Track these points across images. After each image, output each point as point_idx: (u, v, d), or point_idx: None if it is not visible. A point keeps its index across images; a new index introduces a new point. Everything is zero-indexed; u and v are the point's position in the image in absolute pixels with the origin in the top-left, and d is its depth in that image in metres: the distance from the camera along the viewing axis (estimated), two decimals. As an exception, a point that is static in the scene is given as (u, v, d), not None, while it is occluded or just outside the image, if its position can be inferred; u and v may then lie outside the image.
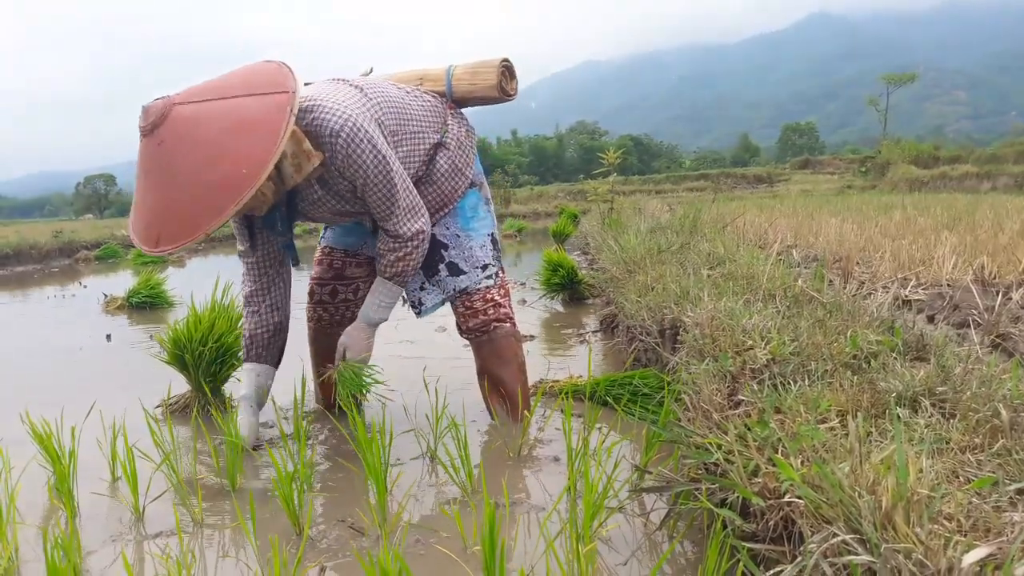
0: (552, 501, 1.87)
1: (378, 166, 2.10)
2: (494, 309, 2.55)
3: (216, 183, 1.83)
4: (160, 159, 1.88)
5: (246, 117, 1.91)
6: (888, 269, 4.32)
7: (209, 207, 1.83)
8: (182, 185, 1.86)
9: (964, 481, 1.22)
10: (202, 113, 1.91)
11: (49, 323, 5.58)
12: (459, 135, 2.49)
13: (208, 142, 1.86)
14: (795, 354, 1.89)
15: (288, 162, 2.04)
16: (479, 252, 2.54)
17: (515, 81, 2.59)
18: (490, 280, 2.56)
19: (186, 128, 1.88)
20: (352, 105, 2.10)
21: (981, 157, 24.32)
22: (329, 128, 2.03)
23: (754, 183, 31.59)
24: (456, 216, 2.53)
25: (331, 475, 2.15)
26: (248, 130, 1.88)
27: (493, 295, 2.56)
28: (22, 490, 1.95)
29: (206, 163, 1.85)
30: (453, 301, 2.55)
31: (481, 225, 2.57)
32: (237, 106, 1.93)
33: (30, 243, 11.52)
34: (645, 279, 3.33)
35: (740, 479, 1.34)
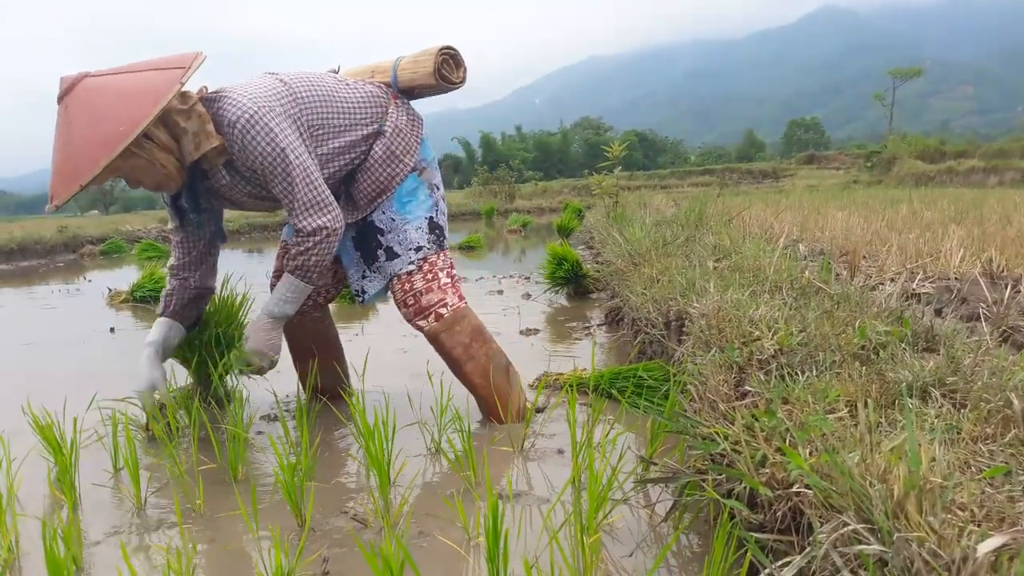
0: (556, 493, 1.86)
1: (274, 157, 2.17)
2: (415, 300, 2.48)
3: (96, 140, 2.01)
4: (62, 124, 2.08)
5: (139, 86, 2.10)
6: (895, 262, 4.29)
7: (88, 160, 2.01)
8: (72, 143, 2.05)
9: (976, 471, 1.20)
10: (106, 83, 2.12)
11: (53, 317, 5.58)
12: (398, 123, 2.48)
13: (99, 106, 2.06)
14: (803, 345, 1.87)
15: (189, 139, 2.17)
16: (414, 234, 2.50)
17: (462, 69, 2.55)
18: (412, 265, 2.48)
19: (87, 96, 2.08)
20: (260, 97, 2.19)
21: (988, 152, 24.22)
22: (227, 118, 2.15)
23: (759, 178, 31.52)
24: (392, 201, 2.51)
25: (334, 466, 2.14)
26: (135, 96, 2.07)
27: (415, 283, 2.48)
28: (24, 481, 1.94)
29: (92, 123, 2.04)
30: (390, 288, 2.55)
31: (418, 208, 2.52)
32: (136, 78, 2.14)
33: (35, 238, 11.52)
34: (650, 272, 3.31)
35: (747, 469, 1.32)
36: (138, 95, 2.07)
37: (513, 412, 2.48)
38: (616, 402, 2.46)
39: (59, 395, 2.61)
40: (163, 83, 2.08)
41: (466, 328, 2.50)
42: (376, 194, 2.48)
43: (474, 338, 2.50)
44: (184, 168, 2.23)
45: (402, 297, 2.49)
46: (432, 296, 2.48)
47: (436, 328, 2.47)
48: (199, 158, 2.20)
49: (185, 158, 2.20)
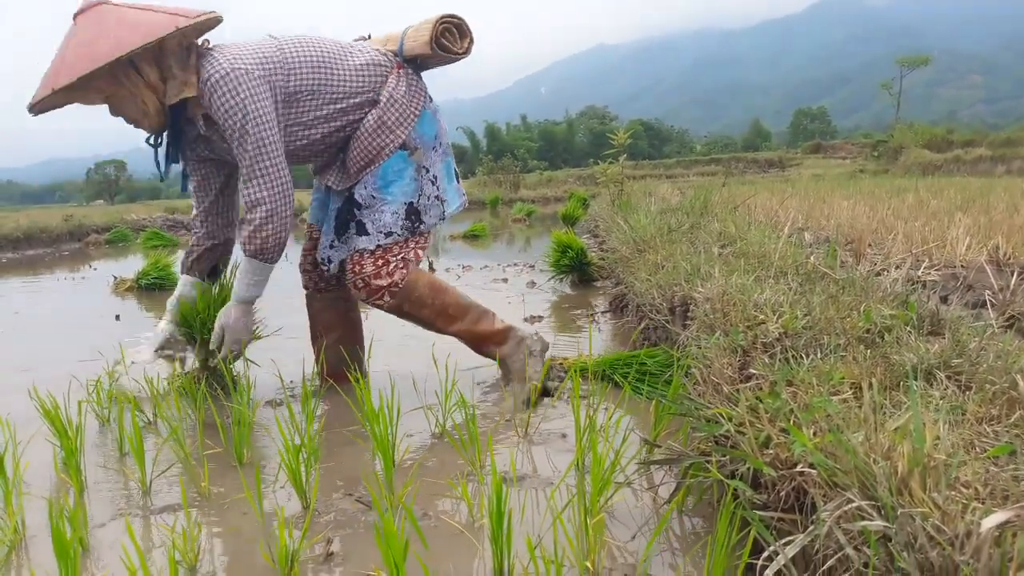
0: (560, 476, 1.86)
1: (234, 119, 2.27)
2: (364, 283, 2.51)
3: (84, 54, 2.17)
4: (66, 37, 2.26)
5: (141, 19, 2.24)
6: (901, 250, 4.27)
7: (68, 68, 2.16)
8: (65, 54, 2.21)
9: (981, 451, 1.20)
10: (116, 11, 2.27)
11: (59, 305, 5.60)
12: (395, 93, 2.48)
13: (100, 26, 2.22)
14: (807, 328, 1.86)
15: (175, 85, 2.29)
16: (389, 219, 2.51)
17: (467, 40, 2.51)
18: (372, 246, 2.50)
19: (96, 17, 2.24)
20: (240, 58, 2.30)
21: (995, 141, 24.09)
22: (203, 74, 2.28)
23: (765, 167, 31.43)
24: (376, 177, 2.50)
25: (339, 449, 2.14)
26: (133, 26, 2.21)
27: (365, 267, 2.50)
28: (30, 465, 1.95)
29: (87, 40, 2.20)
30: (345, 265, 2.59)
31: (400, 191, 2.51)
32: (145, 14, 2.27)
33: (41, 227, 11.55)
34: (655, 258, 3.30)
35: (751, 450, 1.32)
36: (135, 26, 2.21)
37: (498, 337, 2.63)
38: (620, 387, 2.45)
39: (65, 381, 2.62)
40: (161, 23, 2.22)
41: (423, 290, 2.55)
42: (365, 164, 2.49)
43: (434, 295, 2.57)
44: (164, 112, 2.36)
45: (352, 278, 2.53)
46: (381, 281, 2.50)
47: (395, 304, 2.54)
48: (186, 107, 2.36)
49: (168, 97, 2.32)
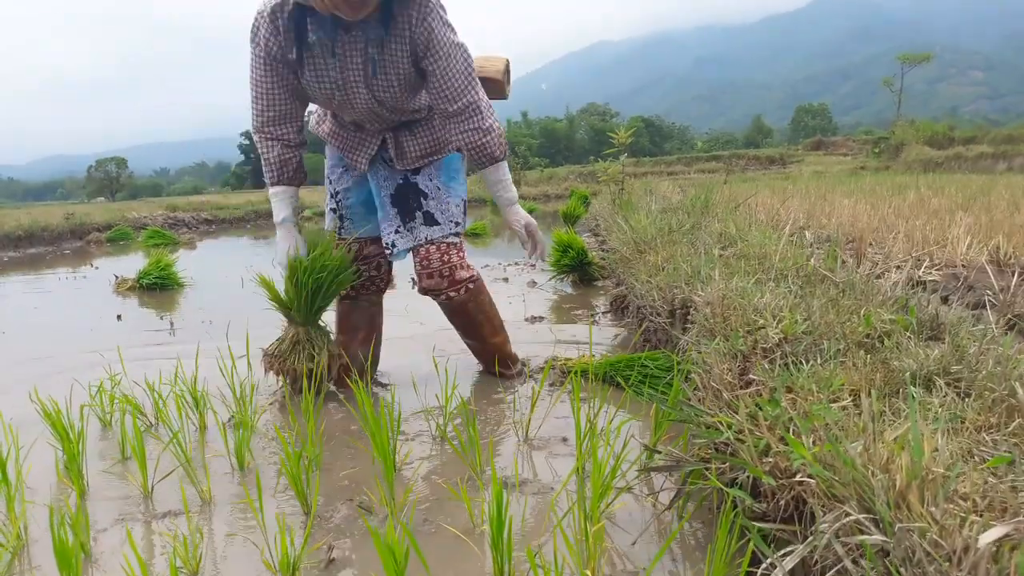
0: (560, 480, 1.86)
1: (448, 34, 2.31)
2: (452, 272, 2.61)
3: None
4: None
5: None
6: (902, 250, 4.27)
7: None
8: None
9: (980, 461, 1.20)
10: None
11: (60, 304, 5.60)
12: None
13: None
14: (807, 333, 1.86)
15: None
16: (455, 209, 2.66)
17: (508, 87, 2.84)
18: (456, 239, 2.65)
19: None
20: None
21: (997, 138, 24.03)
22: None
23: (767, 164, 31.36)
24: (441, 170, 2.65)
25: (340, 453, 2.15)
26: None
27: (452, 256, 2.62)
28: (32, 469, 1.95)
29: None
30: (416, 251, 2.61)
31: (459, 188, 2.69)
32: None
33: (42, 225, 11.56)
34: (656, 259, 3.30)
35: (751, 458, 1.32)
36: None
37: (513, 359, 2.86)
38: (621, 389, 2.46)
39: (66, 383, 2.63)
40: None
41: (485, 297, 2.75)
42: (426, 152, 2.62)
43: (491, 302, 2.79)
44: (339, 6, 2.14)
45: (438, 267, 2.60)
46: (463, 272, 2.64)
47: (465, 299, 2.65)
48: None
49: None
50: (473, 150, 2.49)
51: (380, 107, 2.44)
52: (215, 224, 15.18)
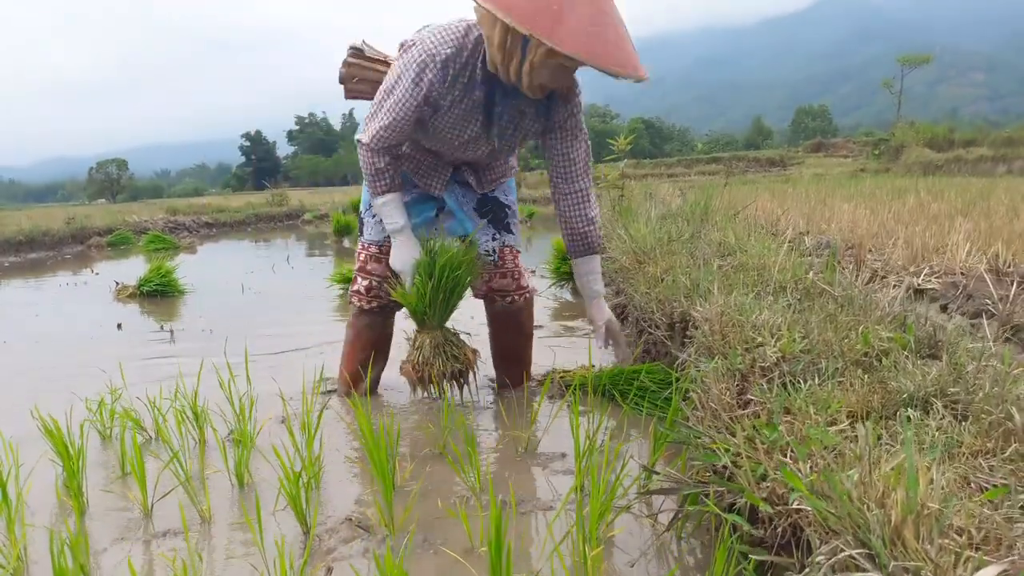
0: (559, 498, 1.87)
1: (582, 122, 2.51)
2: (520, 276, 2.83)
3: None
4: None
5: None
6: (901, 256, 4.28)
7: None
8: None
9: (976, 488, 1.20)
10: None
11: (60, 312, 5.61)
12: None
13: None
14: (805, 351, 1.87)
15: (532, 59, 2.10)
16: (517, 224, 2.88)
17: None
18: (519, 248, 2.86)
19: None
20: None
21: (996, 140, 24.03)
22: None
23: (767, 166, 31.37)
24: (509, 191, 2.85)
25: (339, 471, 2.15)
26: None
27: (519, 263, 2.85)
28: (33, 486, 1.96)
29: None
30: (498, 253, 2.79)
31: (516, 204, 2.90)
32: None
33: (43, 230, 11.56)
34: (655, 270, 3.30)
35: (748, 484, 1.33)
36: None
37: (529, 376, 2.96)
38: (620, 405, 2.46)
39: (66, 395, 2.64)
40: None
41: (532, 310, 2.95)
42: (499, 177, 2.77)
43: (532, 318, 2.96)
44: (496, 69, 2.24)
45: (511, 268, 2.81)
46: (525, 280, 2.87)
47: (523, 305, 2.85)
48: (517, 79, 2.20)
49: (505, 64, 2.20)
50: (576, 237, 2.57)
51: (490, 156, 2.57)
52: (216, 227, 15.19)
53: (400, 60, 2.30)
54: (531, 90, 2.19)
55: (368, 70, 2.69)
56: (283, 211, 17.77)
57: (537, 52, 2.06)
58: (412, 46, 2.28)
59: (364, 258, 2.80)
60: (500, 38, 2.11)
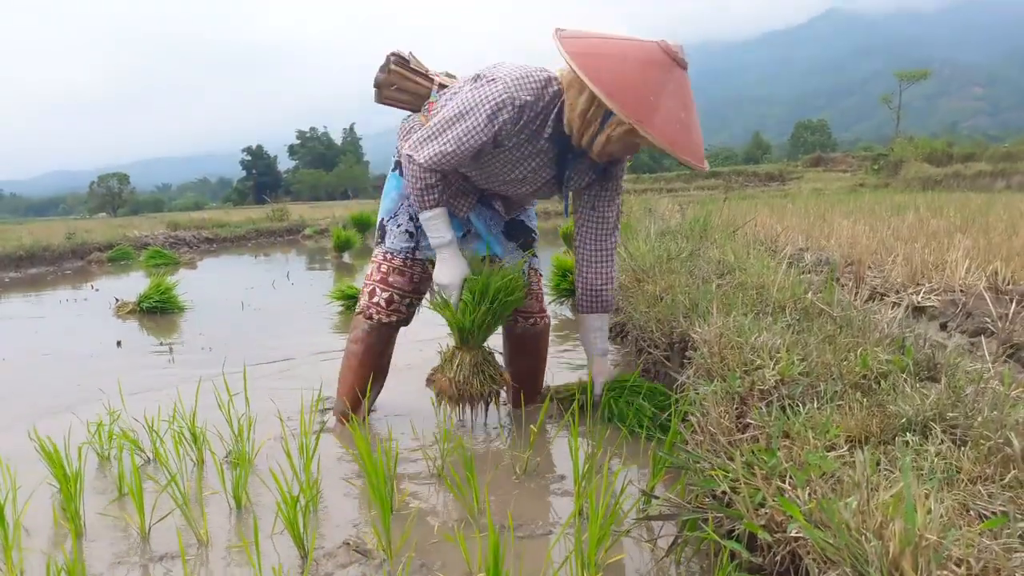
0: (558, 522, 1.86)
1: (622, 178, 2.61)
2: (542, 299, 2.91)
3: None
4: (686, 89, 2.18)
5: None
6: (901, 274, 4.28)
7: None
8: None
9: (975, 516, 1.20)
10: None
11: (60, 328, 5.61)
12: None
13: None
14: (804, 374, 1.87)
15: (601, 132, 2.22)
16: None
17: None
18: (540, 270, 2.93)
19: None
20: None
21: (995, 155, 24.09)
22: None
23: (766, 181, 31.44)
24: (532, 216, 2.91)
25: (337, 493, 2.15)
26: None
27: (542, 286, 2.93)
28: (30, 507, 1.95)
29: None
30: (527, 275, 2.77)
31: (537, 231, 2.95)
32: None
33: (43, 245, 11.56)
34: (654, 289, 3.31)
35: (746, 510, 1.32)
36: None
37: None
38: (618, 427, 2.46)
39: (65, 415, 2.63)
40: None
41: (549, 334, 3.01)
42: (519, 205, 2.82)
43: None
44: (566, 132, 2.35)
45: (537, 290, 2.88)
46: (544, 303, 2.93)
47: (544, 327, 2.92)
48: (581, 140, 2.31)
49: (572, 127, 2.31)
50: (591, 293, 2.62)
51: (527, 195, 2.64)
52: (216, 243, 15.19)
53: (474, 91, 2.30)
54: (599, 157, 2.30)
55: (409, 80, 2.67)
56: (283, 226, 17.76)
57: (618, 129, 2.16)
58: (491, 81, 2.29)
59: (386, 269, 2.72)
60: (584, 107, 2.19)
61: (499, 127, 2.29)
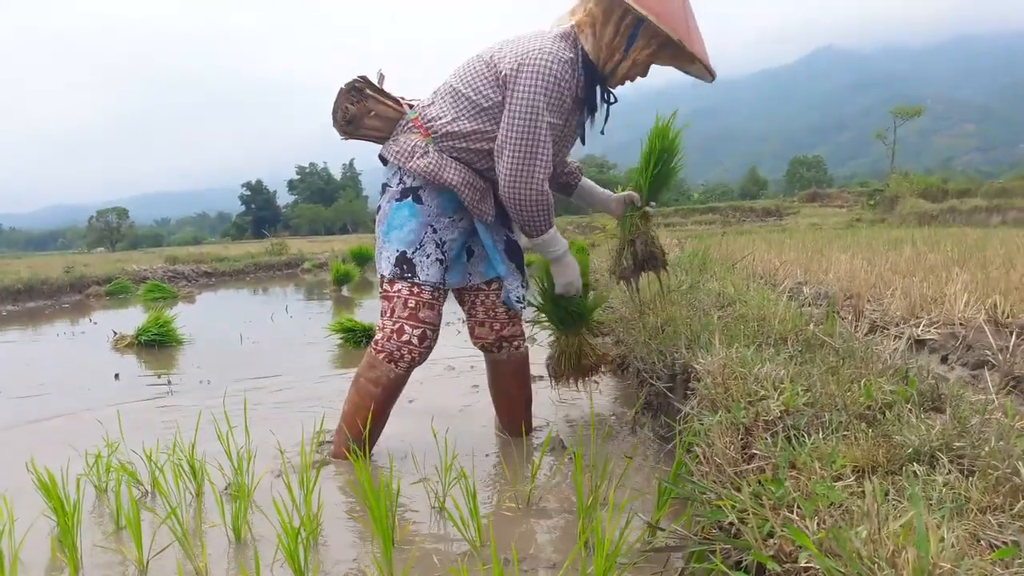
0: (562, 554, 1.84)
1: None
2: (520, 323, 2.87)
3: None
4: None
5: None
6: (900, 307, 4.28)
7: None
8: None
9: (986, 546, 1.19)
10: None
11: (58, 362, 5.59)
12: None
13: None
14: (809, 405, 1.86)
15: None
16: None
17: None
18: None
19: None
20: None
21: (990, 191, 24.24)
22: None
23: (763, 216, 31.57)
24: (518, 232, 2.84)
25: (337, 525, 2.12)
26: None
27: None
28: (27, 541, 1.93)
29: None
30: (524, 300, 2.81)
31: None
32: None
33: (42, 278, 11.56)
34: (655, 320, 3.30)
35: (755, 541, 1.31)
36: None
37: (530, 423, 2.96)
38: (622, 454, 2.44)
39: (63, 447, 2.61)
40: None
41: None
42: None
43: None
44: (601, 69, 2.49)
45: (519, 317, 2.87)
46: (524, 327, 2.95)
47: (526, 352, 2.92)
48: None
49: (607, 64, 2.48)
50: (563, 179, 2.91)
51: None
52: (215, 277, 15.20)
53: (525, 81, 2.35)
54: (618, 82, 2.47)
55: (382, 105, 2.57)
56: (282, 260, 17.80)
57: (642, 52, 2.35)
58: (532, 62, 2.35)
59: (414, 304, 2.55)
60: (610, 37, 2.34)
61: (571, 91, 2.41)
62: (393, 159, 2.56)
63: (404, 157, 2.52)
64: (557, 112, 2.40)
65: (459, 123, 2.47)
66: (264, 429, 2.91)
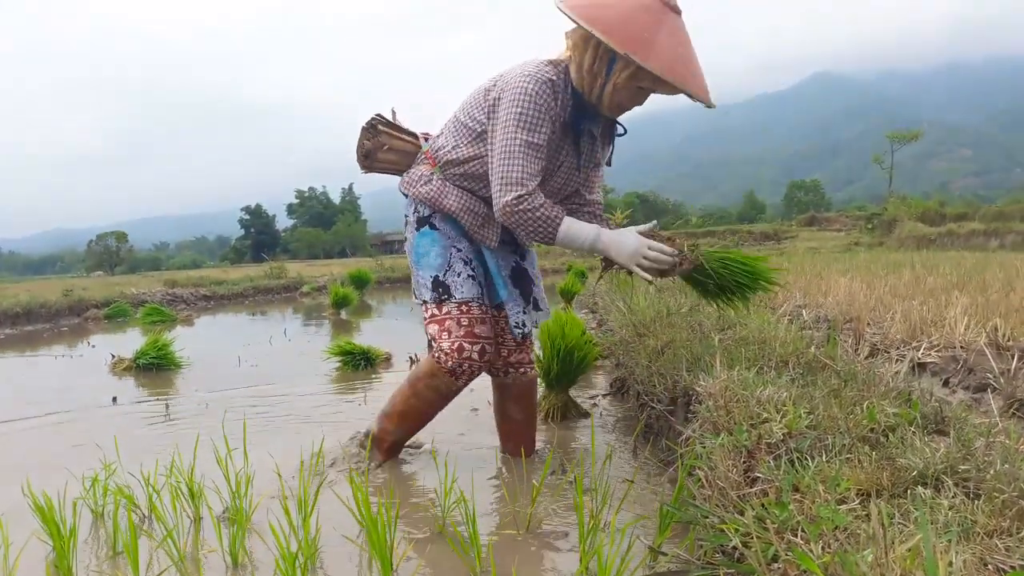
0: (563, 580, 1.82)
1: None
2: (528, 351, 2.86)
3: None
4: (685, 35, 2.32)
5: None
6: (900, 330, 4.27)
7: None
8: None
9: (994, 570, 1.18)
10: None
11: (55, 385, 5.56)
12: None
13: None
14: (811, 427, 1.85)
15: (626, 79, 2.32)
16: (545, 299, 2.91)
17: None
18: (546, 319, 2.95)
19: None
20: None
21: (987, 214, 24.34)
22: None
23: (761, 240, 31.68)
24: (533, 261, 2.90)
25: (335, 550, 2.10)
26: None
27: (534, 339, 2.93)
28: (21, 566, 1.90)
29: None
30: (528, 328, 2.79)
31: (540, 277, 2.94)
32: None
33: (40, 302, 11.55)
34: (655, 343, 3.30)
35: (759, 565, 1.29)
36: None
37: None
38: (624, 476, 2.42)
39: (59, 471, 2.59)
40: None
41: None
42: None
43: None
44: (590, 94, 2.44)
45: (532, 343, 2.87)
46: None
47: (535, 376, 2.92)
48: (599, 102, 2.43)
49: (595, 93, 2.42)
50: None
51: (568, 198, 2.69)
52: (213, 300, 15.20)
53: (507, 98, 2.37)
54: (610, 110, 2.42)
55: (396, 139, 2.70)
56: (281, 283, 17.80)
57: (621, 75, 2.29)
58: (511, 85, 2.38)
59: (467, 322, 2.59)
60: (590, 61, 2.32)
61: (557, 108, 2.40)
62: (403, 189, 2.70)
63: (411, 186, 2.66)
64: (534, 130, 2.37)
65: (459, 150, 2.55)
66: (263, 452, 2.89)
